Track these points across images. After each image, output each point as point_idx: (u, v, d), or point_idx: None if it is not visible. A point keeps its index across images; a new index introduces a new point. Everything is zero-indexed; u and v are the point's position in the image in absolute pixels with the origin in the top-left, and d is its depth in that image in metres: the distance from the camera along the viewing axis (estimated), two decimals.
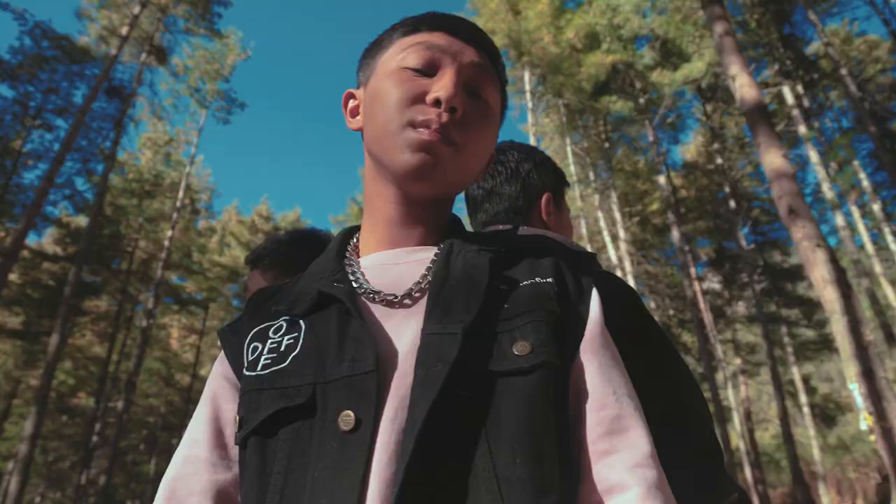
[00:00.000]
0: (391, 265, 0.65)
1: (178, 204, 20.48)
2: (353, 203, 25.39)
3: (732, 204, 18.72)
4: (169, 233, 19.76)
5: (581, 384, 0.57)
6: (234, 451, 0.61)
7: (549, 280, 0.61)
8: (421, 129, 0.61)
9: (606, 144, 19.75)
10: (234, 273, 25.13)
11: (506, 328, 0.55)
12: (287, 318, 0.62)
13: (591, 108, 19.01)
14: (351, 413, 0.50)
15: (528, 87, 18.60)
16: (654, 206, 20.15)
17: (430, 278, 0.61)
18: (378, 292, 0.61)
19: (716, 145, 19.59)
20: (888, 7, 16.98)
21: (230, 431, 0.62)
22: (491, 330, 0.55)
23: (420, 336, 0.54)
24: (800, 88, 17.76)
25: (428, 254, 0.65)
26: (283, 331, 0.61)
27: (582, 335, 0.59)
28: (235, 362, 0.64)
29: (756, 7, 17.57)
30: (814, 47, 18.04)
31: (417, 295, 0.60)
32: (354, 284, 0.62)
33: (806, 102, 18.12)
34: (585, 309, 0.61)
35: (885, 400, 5.56)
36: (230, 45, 21.26)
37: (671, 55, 18.02)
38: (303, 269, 1.52)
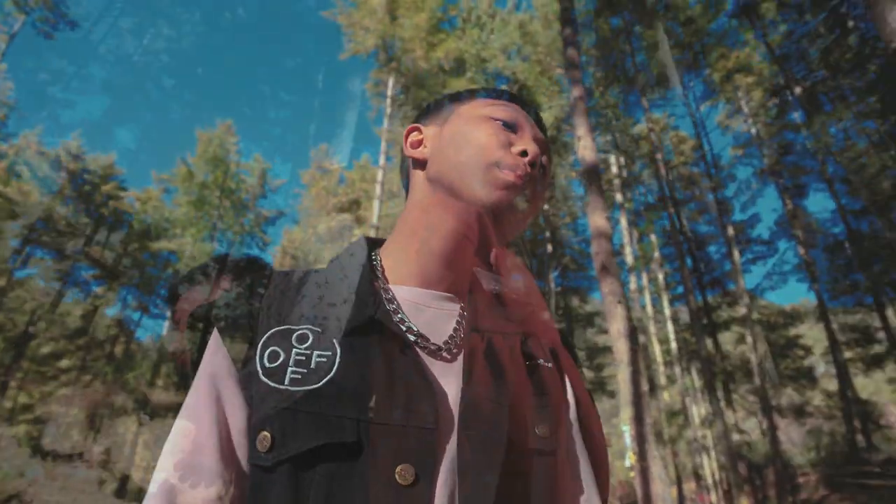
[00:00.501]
0: (423, 306, 0.64)
1: None
2: (182, 164, 23.21)
3: (549, 248, 20.56)
4: None
5: (560, 465, 0.61)
6: (244, 462, 0.56)
7: (550, 365, 0.66)
8: (506, 171, 0.64)
9: None
10: (22, 208, 21.71)
11: (528, 404, 0.59)
12: (315, 330, 0.58)
13: None
14: (411, 468, 0.49)
15: (389, 93, 18.81)
16: None
17: (462, 334, 0.62)
18: (427, 338, 0.60)
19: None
20: (699, 112, 20.17)
21: (238, 439, 0.56)
22: (520, 404, 0.58)
23: (461, 396, 0.55)
24: (622, 160, 20.23)
25: (454, 305, 0.66)
26: (309, 342, 0.57)
27: (565, 419, 0.64)
28: (240, 357, 0.58)
29: (603, 80, 19.77)
30: (639, 128, 20.67)
31: (455, 351, 0.61)
32: (396, 318, 0.61)
33: (625, 174, 20.68)
34: (566, 394, 0.67)
35: (647, 443, 6.32)
36: None
37: None
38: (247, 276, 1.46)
